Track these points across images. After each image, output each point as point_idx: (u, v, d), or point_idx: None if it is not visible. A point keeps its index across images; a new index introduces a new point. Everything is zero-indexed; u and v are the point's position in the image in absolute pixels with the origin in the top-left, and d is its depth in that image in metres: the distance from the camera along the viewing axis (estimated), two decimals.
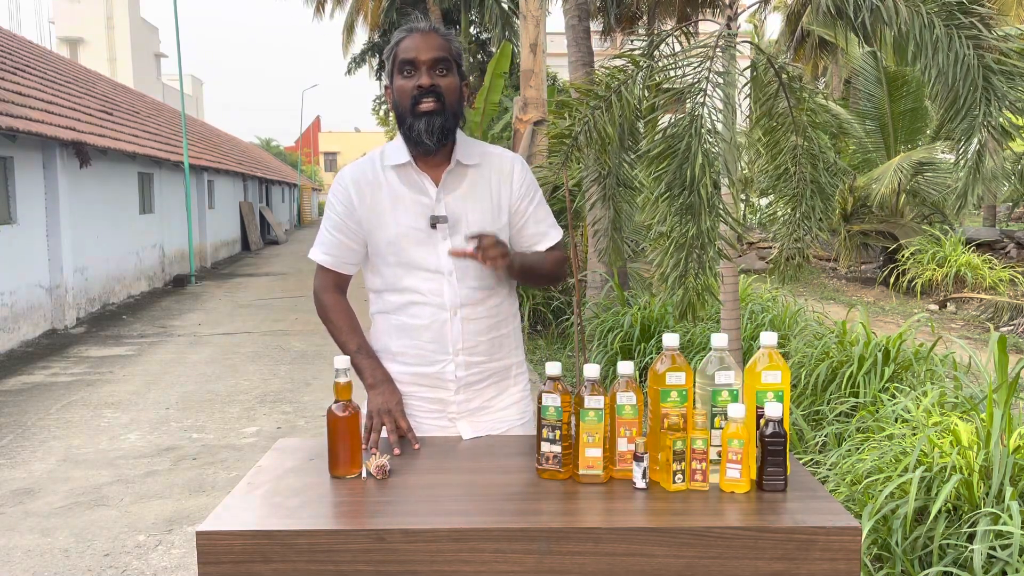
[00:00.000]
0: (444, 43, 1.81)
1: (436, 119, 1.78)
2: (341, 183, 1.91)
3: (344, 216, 1.89)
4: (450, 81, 1.81)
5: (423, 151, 1.83)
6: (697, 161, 3.18)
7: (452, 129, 1.83)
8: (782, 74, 3.62)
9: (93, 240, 10.39)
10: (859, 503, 2.97)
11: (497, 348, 1.91)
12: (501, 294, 1.91)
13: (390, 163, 1.87)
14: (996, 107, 2.98)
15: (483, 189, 1.87)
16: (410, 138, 1.82)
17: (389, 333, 1.93)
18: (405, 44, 1.80)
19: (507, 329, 1.94)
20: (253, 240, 21.59)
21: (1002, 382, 2.88)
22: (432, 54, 1.78)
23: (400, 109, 1.82)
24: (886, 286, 11.34)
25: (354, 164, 1.95)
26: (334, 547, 1.36)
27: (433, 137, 1.78)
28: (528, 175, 1.94)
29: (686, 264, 3.27)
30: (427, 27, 1.82)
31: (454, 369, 1.86)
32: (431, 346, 1.86)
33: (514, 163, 1.93)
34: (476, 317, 1.86)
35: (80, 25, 28.84)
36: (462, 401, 1.89)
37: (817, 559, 1.35)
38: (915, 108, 11.85)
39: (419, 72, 1.78)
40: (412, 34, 1.81)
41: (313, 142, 57.35)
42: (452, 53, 1.82)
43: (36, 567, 3.40)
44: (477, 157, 1.89)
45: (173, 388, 6.48)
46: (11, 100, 8.24)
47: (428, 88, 1.77)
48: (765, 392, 1.54)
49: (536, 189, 1.95)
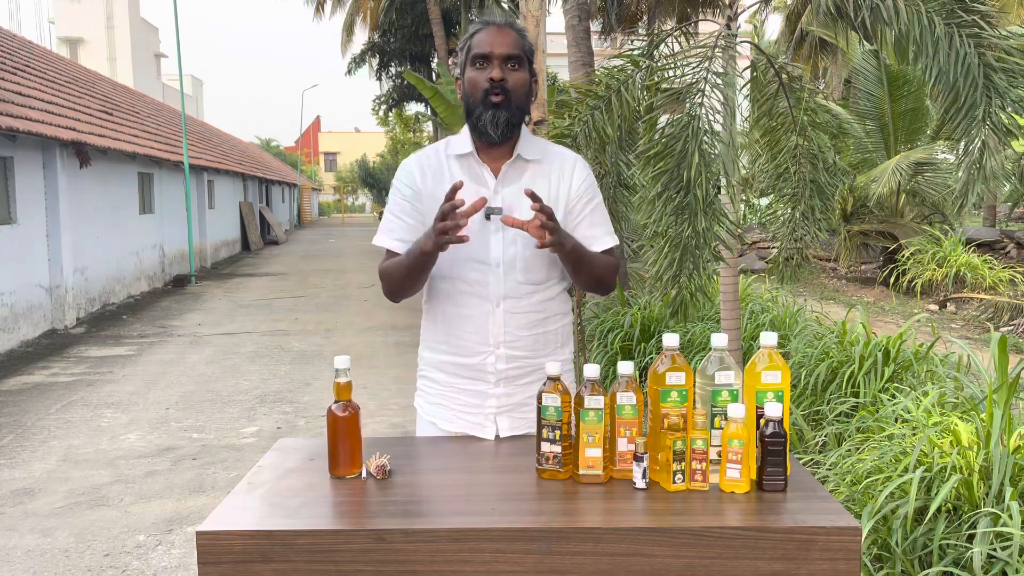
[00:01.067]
0: (518, 39, 1.85)
1: (502, 112, 1.82)
2: (407, 168, 1.95)
3: (411, 199, 1.91)
4: (520, 76, 1.85)
5: (486, 142, 1.87)
6: (694, 161, 3.18)
7: (517, 124, 1.87)
8: (782, 74, 3.62)
9: (93, 240, 10.39)
10: (859, 503, 2.97)
11: (542, 345, 1.90)
12: (550, 291, 1.91)
13: (454, 152, 1.91)
14: (997, 105, 2.98)
15: (541, 184, 1.89)
16: (475, 128, 1.86)
17: (435, 321, 1.94)
18: (479, 38, 1.85)
19: (555, 326, 1.93)
20: (253, 240, 21.59)
21: (1002, 382, 2.88)
22: (505, 49, 1.83)
23: (470, 100, 1.86)
24: (886, 286, 11.34)
25: (419, 152, 2.00)
26: (334, 547, 1.36)
27: (498, 129, 1.83)
28: (589, 176, 1.95)
29: (680, 264, 3.27)
30: (503, 22, 1.87)
31: (494, 362, 1.87)
32: (473, 337, 1.87)
33: (576, 162, 1.94)
34: (520, 311, 1.86)
35: (80, 25, 28.83)
36: (502, 395, 1.88)
37: (817, 559, 1.35)
38: (915, 108, 11.84)
39: (491, 65, 1.83)
40: (488, 28, 1.86)
41: (313, 142, 57.38)
42: (524, 50, 1.86)
43: (36, 567, 3.40)
44: (539, 153, 1.92)
45: (173, 388, 6.48)
46: (11, 100, 8.24)
47: (499, 81, 1.81)
48: (765, 392, 1.54)
49: (595, 192, 1.96)
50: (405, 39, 21.39)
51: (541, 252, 1.85)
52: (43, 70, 11.93)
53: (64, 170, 9.36)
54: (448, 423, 1.93)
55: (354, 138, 56.97)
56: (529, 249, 1.85)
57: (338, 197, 52.17)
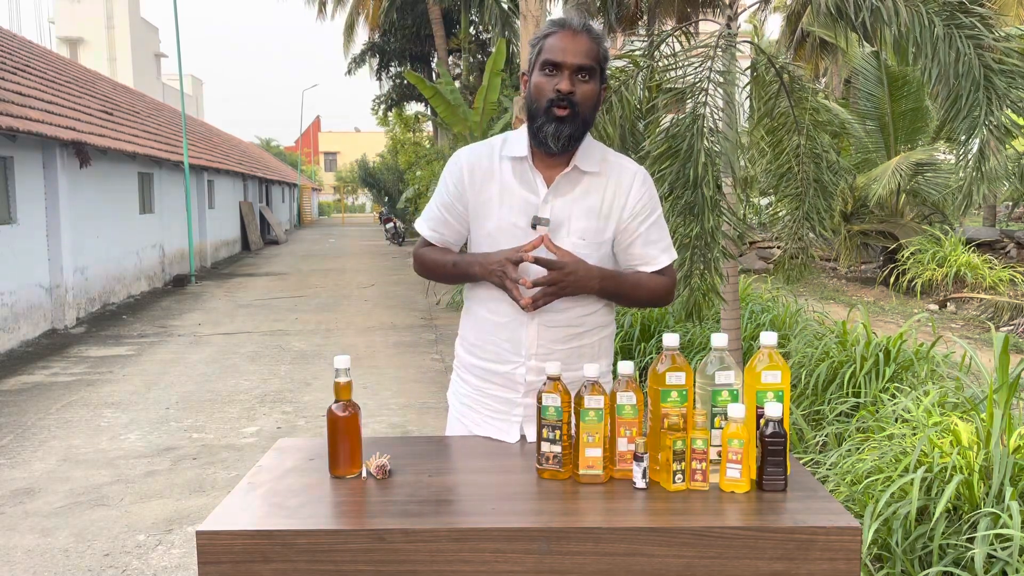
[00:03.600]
0: (592, 48, 1.75)
1: (565, 127, 1.74)
2: (456, 163, 1.88)
3: (454, 197, 1.87)
4: (589, 88, 1.76)
5: (544, 151, 1.80)
6: (700, 160, 3.19)
7: (580, 138, 1.79)
8: (783, 74, 3.62)
9: (93, 240, 10.39)
10: (859, 503, 2.97)
11: (576, 359, 1.81)
12: (589, 306, 1.84)
13: (509, 153, 1.84)
14: (997, 106, 2.98)
15: (595, 198, 1.81)
16: (536, 137, 1.79)
17: (471, 324, 1.92)
18: (552, 42, 1.75)
19: (592, 340, 1.86)
20: (253, 240, 21.59)
21: (1003, 382, 2.88)
22: (578, 60, 1.73)
23: (534, 105, 1.78)
24: (886, 286, 11.34)
25: (472, 147, 1.92)
26: (334, 547, 1.36)
27: (559, 143, 1.75)
28: (649, 191, 1.85)
29: (691, 264, 3.28)
30: (580, 26, 1.75)
31: (525, 373, 1.82)
32: (506, 345, 1.84)
33: (635, 177, 1.84)
34: (555, 325, 1.81)
35: (80, 25, 28.84)
36: (530, 405, 1.80)
37: (817, 559, 1.35)
38: (916, 108, 11.84)
39: (561, 75, 1.73)
40: (564, 31, 1.75)
41: (313, 142, 57.38)
42: (599, 59, 1.77)
43: (36, 567, 3.40)
44: (597, 164, 1.83)
45: (173, 388, 6.48)
46: (11, 100, 8.23)
47: (566, 94, 1.73)
48: (765, 392, 1.54)
49: (655, 208, 1.86)
50: (405, 39, 21.40)
51: None
52: (43, 70, 11.93)
53: (64, 170, 9.36)
54: (476, 426, 1.91)
55: (354, 138, 56.95)
56: None
57: (338, 197, 52.17)
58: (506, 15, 18.20)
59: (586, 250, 1.79)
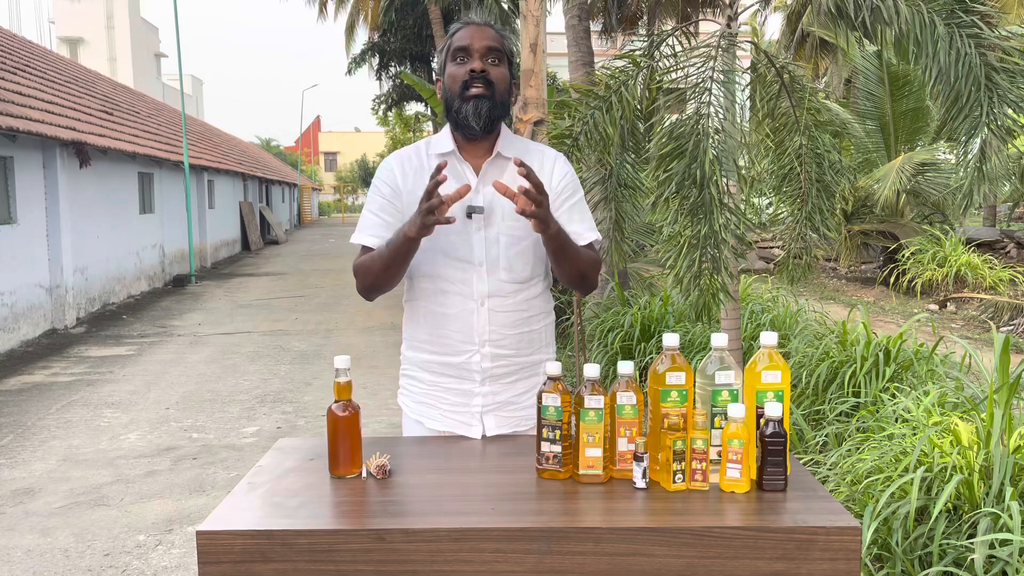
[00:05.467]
0: (497, 36, 1.87)
1: (484, 103, 1.81)
2: (387, 166, 1.95)
3: (390, 197, 1.91)
4: (501, 71, 1.85)
5: (468, 136, 1.86)
6: (707, 159, 3.19)
7: (499, 118, 1.86)
8: (784, 74, 3.62)
9: (93, 240, 10.39)
10: (859, 503, 2.97)
11: (527, 343, 1.90)
12: (534, 289, 1.91)
13: (435, 151, 1.90)
14: (998, 105, 2.98)
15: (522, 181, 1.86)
16: (456, 122, 1.85)
17: (418, 321, 1.94)
18: (460, 34, 1.86)
19: (538, 325, 1.93)
20: (253, 240, 21.59)
21: (1003, 382, 2.88)
22: (485, 43, 1.83)
23: (449, 95, 1.85)
24: (886, 286, 11.34)
25: (400, 150, 1.99)
26: (334, 547, 1.36)
27: (480, 120, 1.81)
28: (569, 172, 1.94)
29: (700, 264, 3.27)
30: (482, 21, 1.87)
31: (480, 360, 1.86)
32: (458, 336, 1.87)
33: (556, 159, 1.94)
34: (504, 309, 1.86)
35: (80, 25, 28.83)
36: (488, 393, 1.88)
37: (817, 559, 1.35)
38: (916, 108, 11.84)
39: (471, 59, 1.83)
40: (468, 26, 1.87)
41: (313, 142, 57.37)
42: (504, 47, 1.87)
43: (36, 567, 3.40)
44: (519, 151, 1.90)
45: (173, 388, 6.48)
46: (11, 100, 8.23)
47: (479, 73, 1.81)
48: (765, 392, 1.54)
49: (576, 188, 1.94)
50: (405, 39, 21.39)
51: (523, 250, 1.86)
52: (43, 70, 11.93)
53: (64, 170, 9.36)
54: (434, 422, 1.93)
55: (354, 138, 56.98)
56: (512, 248, 1.85)
57: (338, 197, 52.19)
58: (506, 15, 18.16)
59: (520, 232, 1.85)
